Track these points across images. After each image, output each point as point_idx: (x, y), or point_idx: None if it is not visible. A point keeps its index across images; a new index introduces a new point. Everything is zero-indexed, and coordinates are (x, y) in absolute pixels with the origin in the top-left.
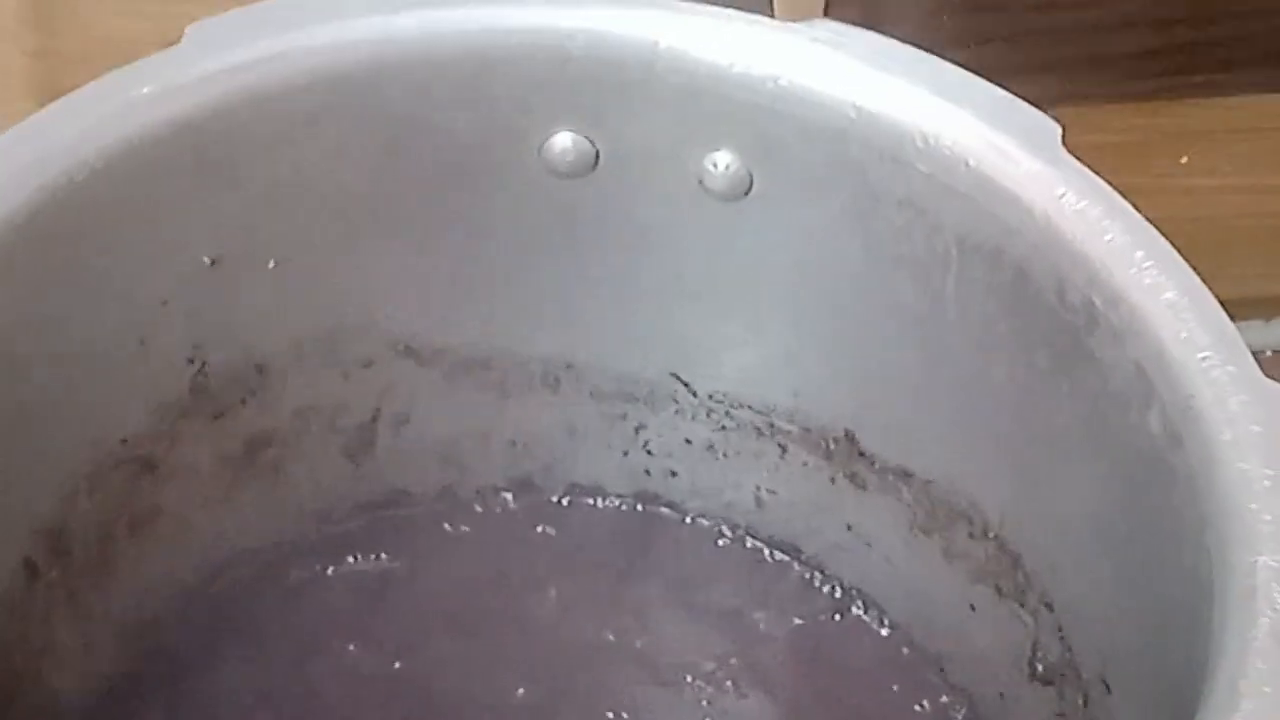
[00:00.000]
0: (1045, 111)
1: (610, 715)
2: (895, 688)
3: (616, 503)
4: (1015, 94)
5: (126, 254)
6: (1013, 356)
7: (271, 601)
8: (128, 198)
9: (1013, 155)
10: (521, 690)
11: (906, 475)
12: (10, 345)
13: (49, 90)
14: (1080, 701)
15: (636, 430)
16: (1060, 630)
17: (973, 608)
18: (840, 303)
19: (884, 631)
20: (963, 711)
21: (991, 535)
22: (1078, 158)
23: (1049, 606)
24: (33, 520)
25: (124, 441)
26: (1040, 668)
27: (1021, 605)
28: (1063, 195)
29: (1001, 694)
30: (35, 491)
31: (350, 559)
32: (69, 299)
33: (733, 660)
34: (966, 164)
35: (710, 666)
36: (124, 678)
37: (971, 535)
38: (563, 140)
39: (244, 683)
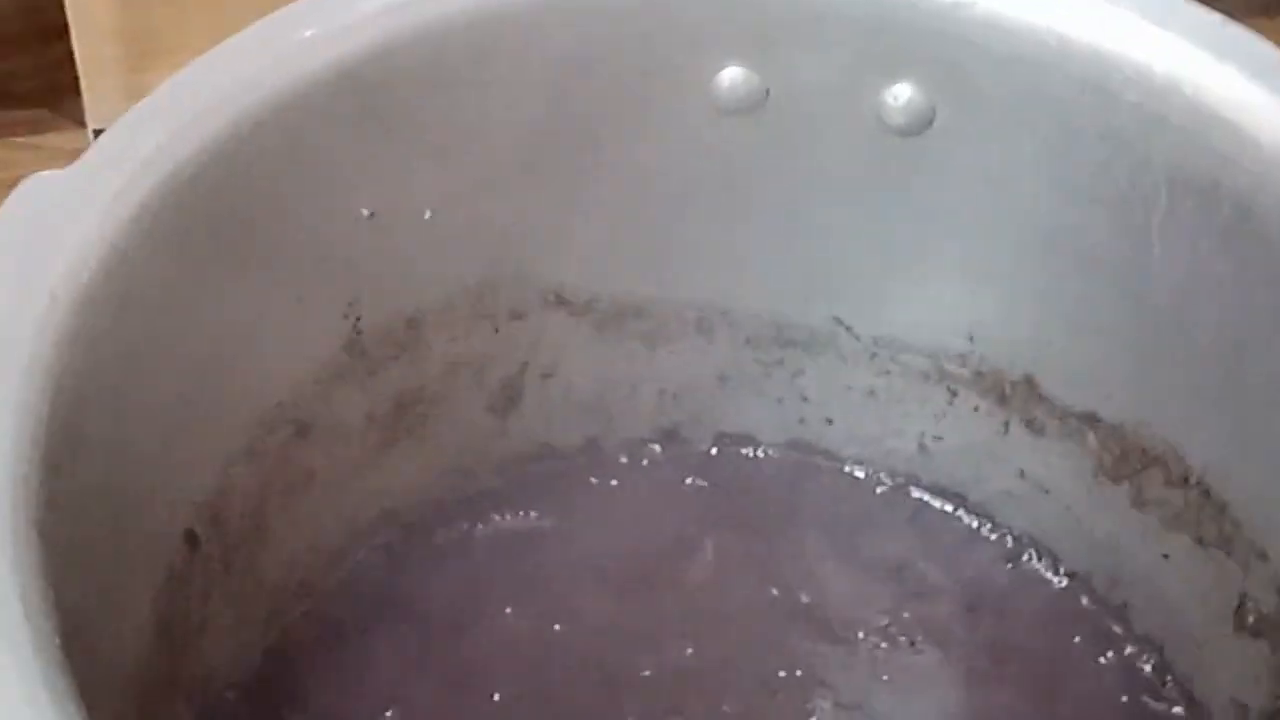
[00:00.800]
0: (1260, 27)
1: (783, 674)
2: (1076, 639)
3: (769, 452)
4: (1226, 12)
5: (289, 208)
6: (1226, 299)
7: (422, 564)
8: (291, 148)
9: (1232, 81)
10: (689, 651)
11: (1093, 420)
12: (174, 310)
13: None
14: None
15: (793, 377)
16: (1278, 582)
17: (1166, 557)
18: (1026, 243)
19: (1060, 581)
20: (1152, 661)
21: (1194, 482)
22: None
23: (1263, 557)
24: (194, 491)
25: (280, 405)
26: (1251, 619)
27: (1228, 555)
28: None
29: (1199, 645)
30: (197, 461)
31: (497, 517)
32: (232, 258)
33: (905, 614)
34: (1181, 92)
35: (882, 621)
36: (276, 649)
37: (1168, 482)
38: (731, 75)
39: (398, 650)
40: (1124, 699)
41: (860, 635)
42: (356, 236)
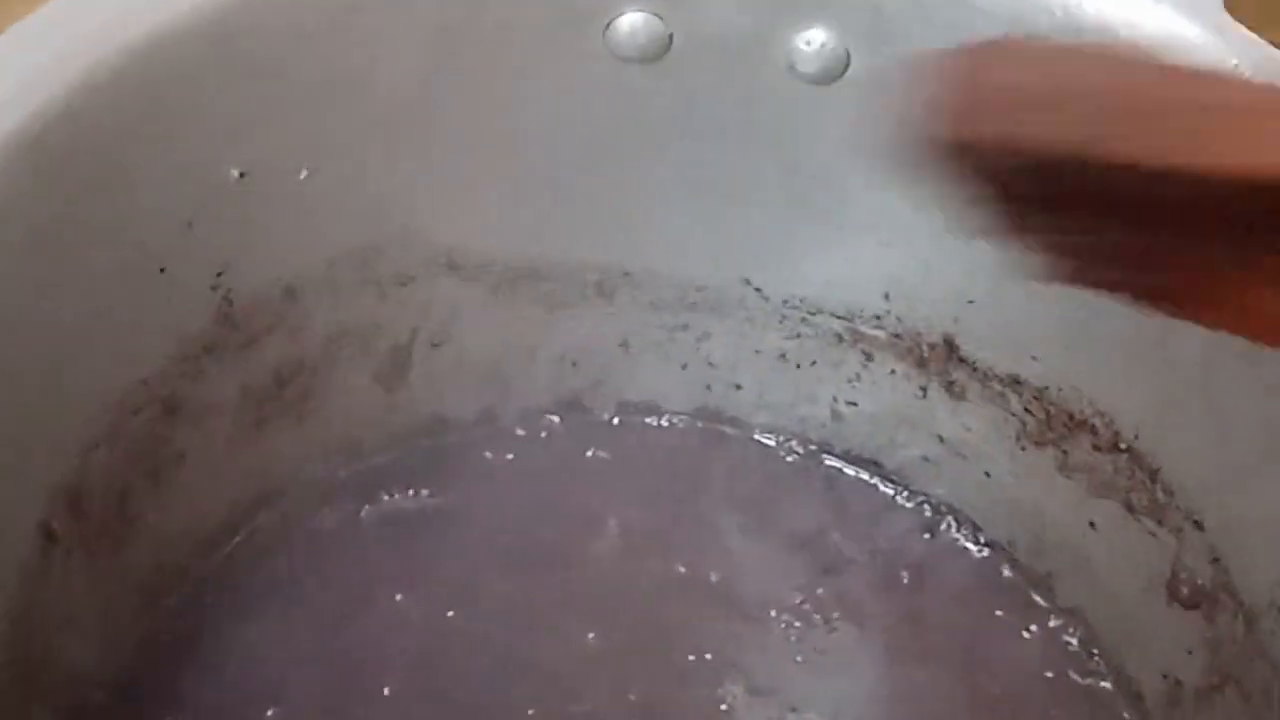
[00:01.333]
0: None
1: (692, 658)
2: (998, 612)
3: (674, 421)
4: None
5: (148, 168)
6: None
7: (305, 548)
8: (150, 103)
9: (1166, 21)
10: (591, 635)
11: (1016, 383)
12: (18, 285)
13: None
14: (1240, 627)
15: (699, 341)
16: (1214, 552)
17: (1093, 525)
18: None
19: (981, 551)
20: (1079, 634)
21: (1124, 447)
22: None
23: (1198, 525)
24: (49, 480)
25: (145, 382)
26: (1185, 590)
27: (1160, 523)
28: (1236, 66)
29: (1129, 617)
30: (52, 447)
31: (386, 496)
32: (84, 223)
33: (819, 590)
34: (1113, 32)
35: (796, 598)
36: (148, 644)
37: (1097, 447)
38: (631, 21)
39: (281, 641)
40: (1049, 674)
41: (773, 614)
42: (224, 199)
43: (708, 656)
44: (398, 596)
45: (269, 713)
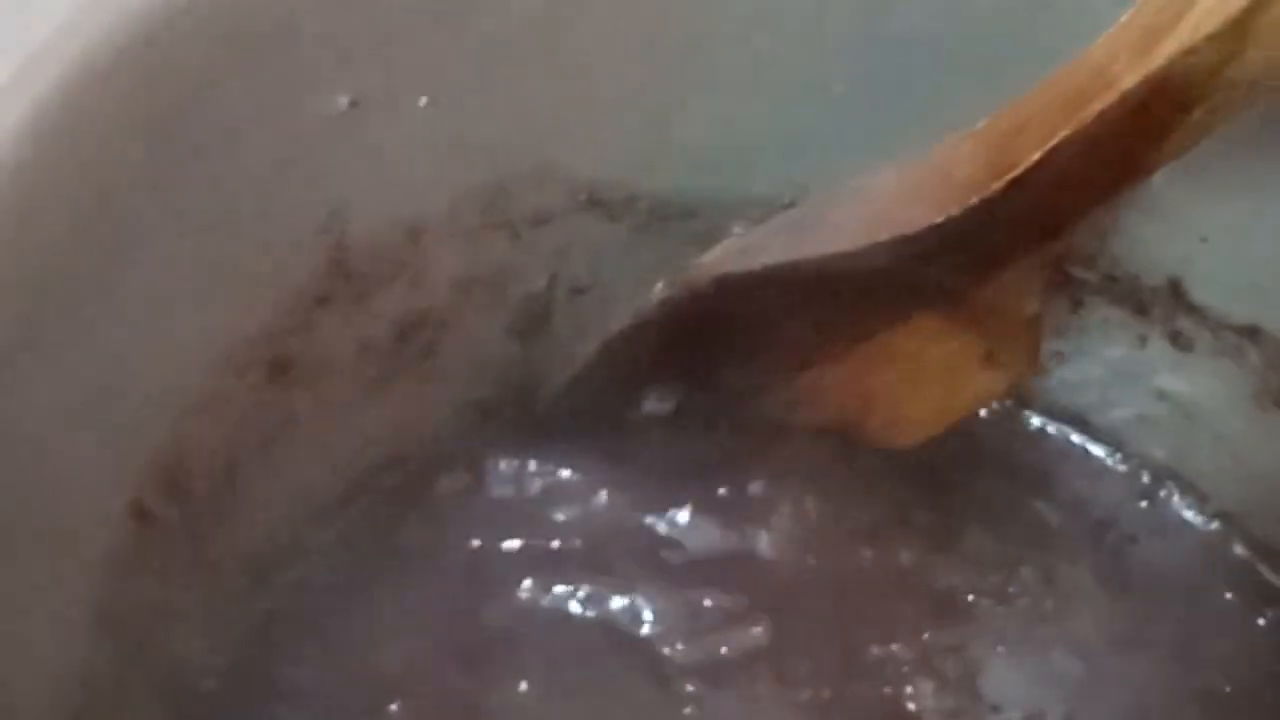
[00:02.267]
0: None
1: (876, 650)
2: (1227, 595)
3: None
4: None
5: (244, 98)
6: None
7: (431, 521)
8: (246, 20)
9: None
10: (758, 630)
11: (1255, 333)
12: (101, 233)
13: None
14: None
15: None
16: None
17: None
18: None
19: (1209, 524)
20: None
21: None
22: None
23: None
24: (141, 454)
25: (250, 340)
26: None
27: None
28: None
29: None
30: (144, 417)
31: (519, 463)
32: (173, 162)
33: (1020, 569)
34: None
35: (994, 579)
36: (260, 628)
37: None
38: None
39: (404, 622)
40: None
41: (970, 599)
42: (334, 131)
43: (894, 648)
44: (527, 579)
45: (392, 707)
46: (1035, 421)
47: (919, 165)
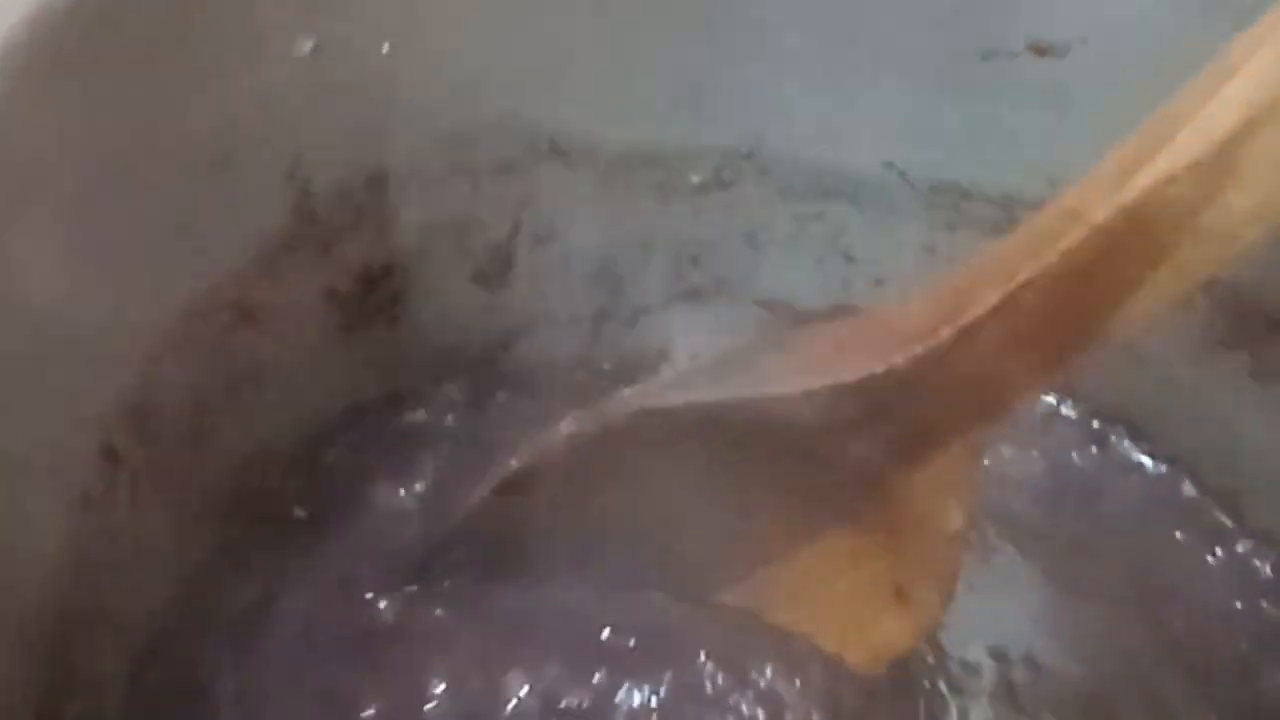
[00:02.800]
0: None
1: None
2: (1178, 534)
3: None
4: None
5: (208, 42)
6: None
7: (395, 465)
8: None
9: None
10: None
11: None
12: (69, 179)
13: None
14: None
15: (835, 233)
16: None
17: None
18: (1118, 59)
19: (1158, 467)
20: (1271, 560)
21: None
22: None
23: None
24: (112, 397)
25: (216, 286)
26: None
27: None
28: None
29: None
30: (114, 360)
31: (487, 407)
32: (137, 104)
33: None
34: None
35: None
36: (226, 573)
37: None
38: None
39: (369, 563)
40: (1237, 604)
41: None
42: (297, 76)
43: None
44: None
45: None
46: None
47: (863, 317)
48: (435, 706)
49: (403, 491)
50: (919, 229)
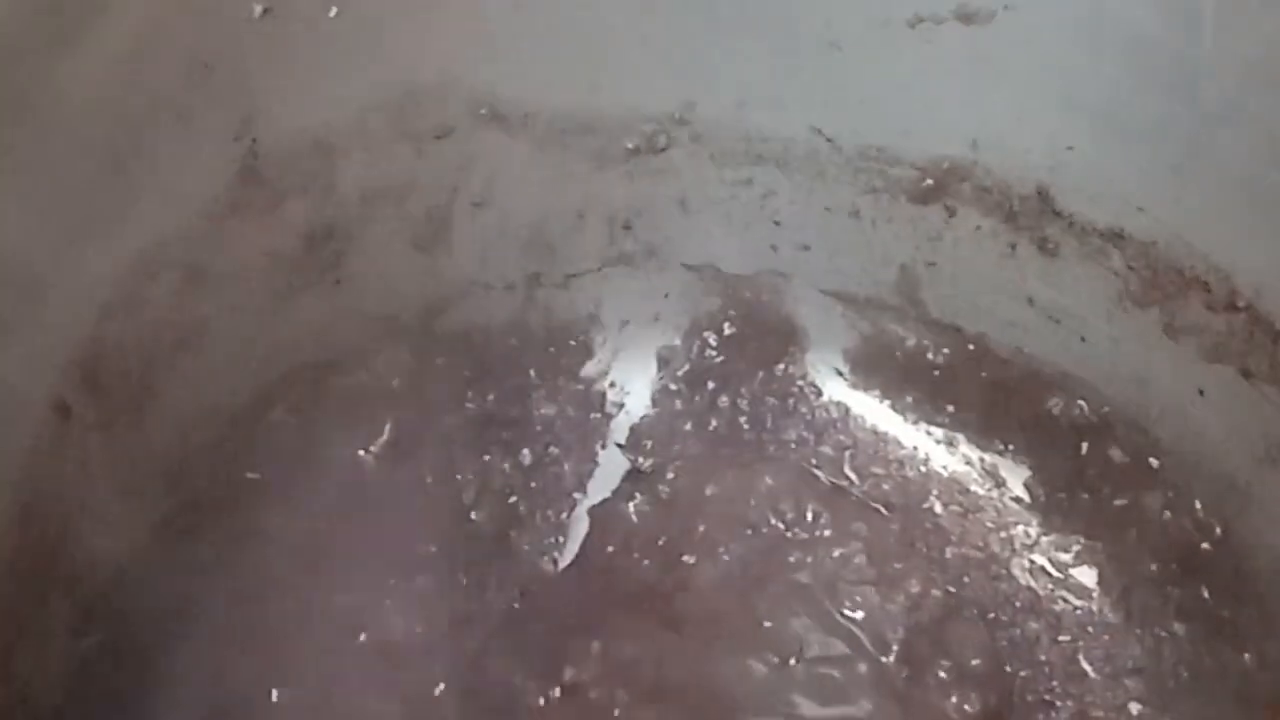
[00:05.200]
0: None
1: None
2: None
3: None
4: None
5: (162, 6)
6: None
7: (336, 423)
8: None
9: None
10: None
11: (1119, 237)
12: (20, 130)
13: None
14: None
15: (763, 198)
16: None
17: (1201, 392)
18: (1049, 28)
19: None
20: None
21: (1241, 306)
22: None
23: None
24: (62, 351)
25: (163, 245)
26: None
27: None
28: None
29: (1240, 491)
30: (65, 316)
31: (428, 369)
32: (87, 59)
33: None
34: None
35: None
36: (170, 525)
37: (1210, 307)
38: None
39: (310, 521)
40: None
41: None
42: (246, 38)
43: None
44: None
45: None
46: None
47: None
48: None
49: (360, 452)
50: (845, 194)
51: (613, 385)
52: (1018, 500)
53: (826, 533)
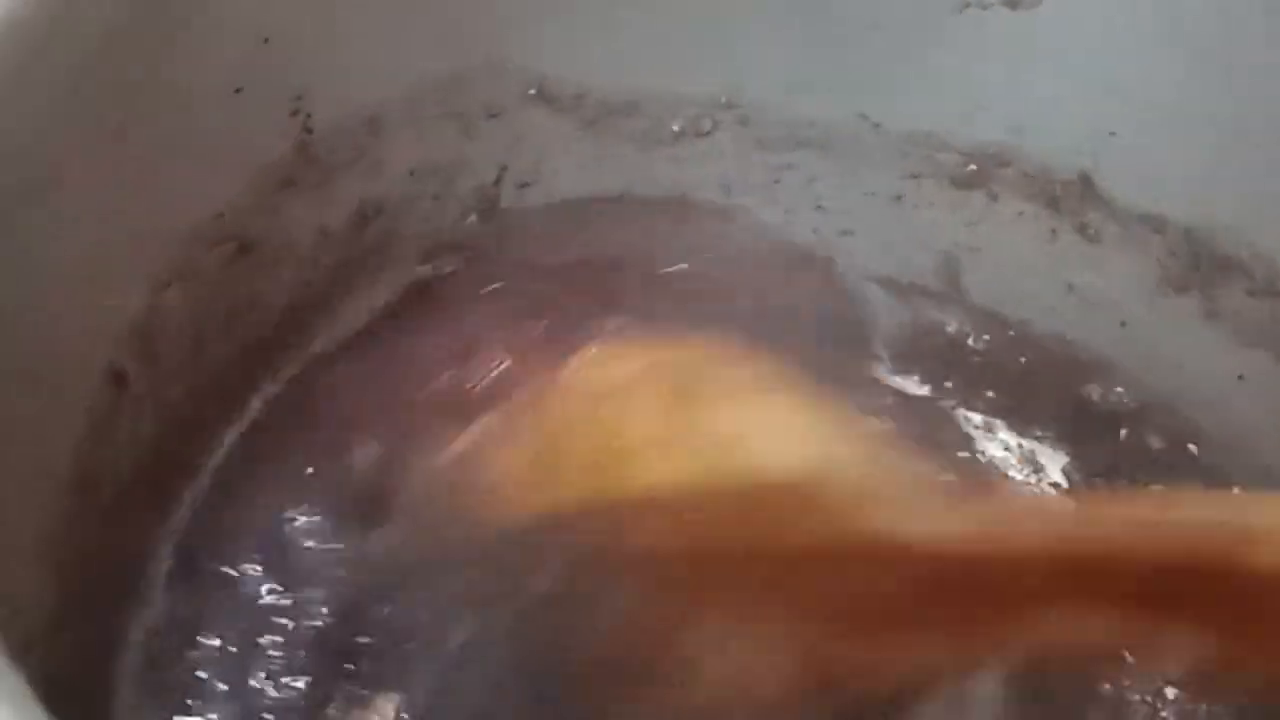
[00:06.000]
0: None
1: None
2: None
3: None
4: None
5: None
6: None
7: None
8: None
9: None
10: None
11: (1160, 222)
12: (83, 99)
13: None
14: None
15: (807, 182)
16: None
17: (1241, 378)
18: (1086, 12)
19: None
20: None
21: None
22: None
23: None
24: (119, 321)
25: (220, 216)
26: None
27: None
28: None
29: (1274, 473)
30: (122, 284)
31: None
32: (151, 34)
33: None
34: None
35: None
36: (221, 489)
37: (1251, 292)
38: None
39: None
40: None
41: None
42: (303, 13)
43: None
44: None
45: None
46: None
47: None
48: None
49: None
50: (889, 179)
51: None
52: (1055, 486)
53: None
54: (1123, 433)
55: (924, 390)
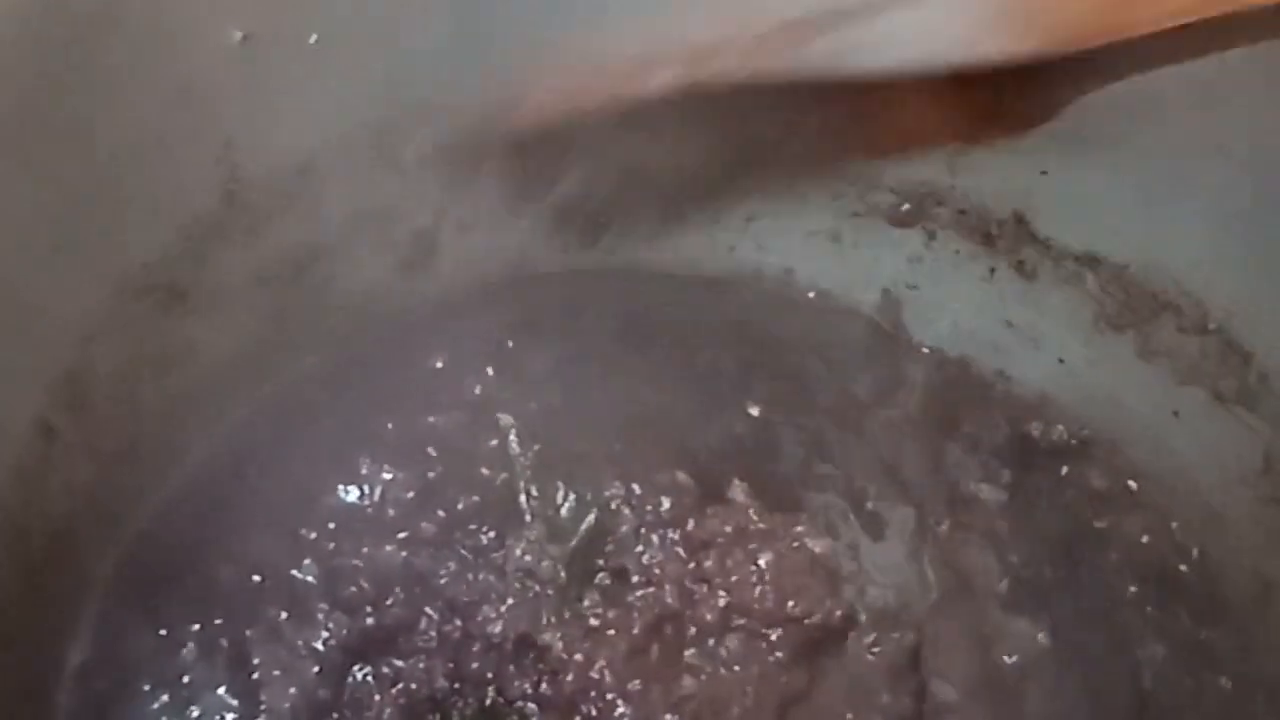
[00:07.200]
0: None
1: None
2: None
3: None
4: None
5: (143, 30)
6: (1260, 120)
7: (320, 441)
8: None
9: None
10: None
11: (1094, 261)
12: (18, 155)
13: None
14: None
15: (746, 222)
16: None
17: (1176, 414)
18: None
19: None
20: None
21: (1212, 329)
22: None
23: None
24: (47, 371)
25: (146, 266)
26: None
27: (1251, 410)
28: None
29: (1215, 513)
30: (49, 335)
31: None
32: (71, 88)
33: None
34: None
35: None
36: (154, 539)
37: (1183, 329)
38: None
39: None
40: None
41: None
42: (226, 64)
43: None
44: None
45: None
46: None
47: None
48: None
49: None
50: (826, 218)
51: None
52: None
53: None
54: (1064, 469)
55: None
